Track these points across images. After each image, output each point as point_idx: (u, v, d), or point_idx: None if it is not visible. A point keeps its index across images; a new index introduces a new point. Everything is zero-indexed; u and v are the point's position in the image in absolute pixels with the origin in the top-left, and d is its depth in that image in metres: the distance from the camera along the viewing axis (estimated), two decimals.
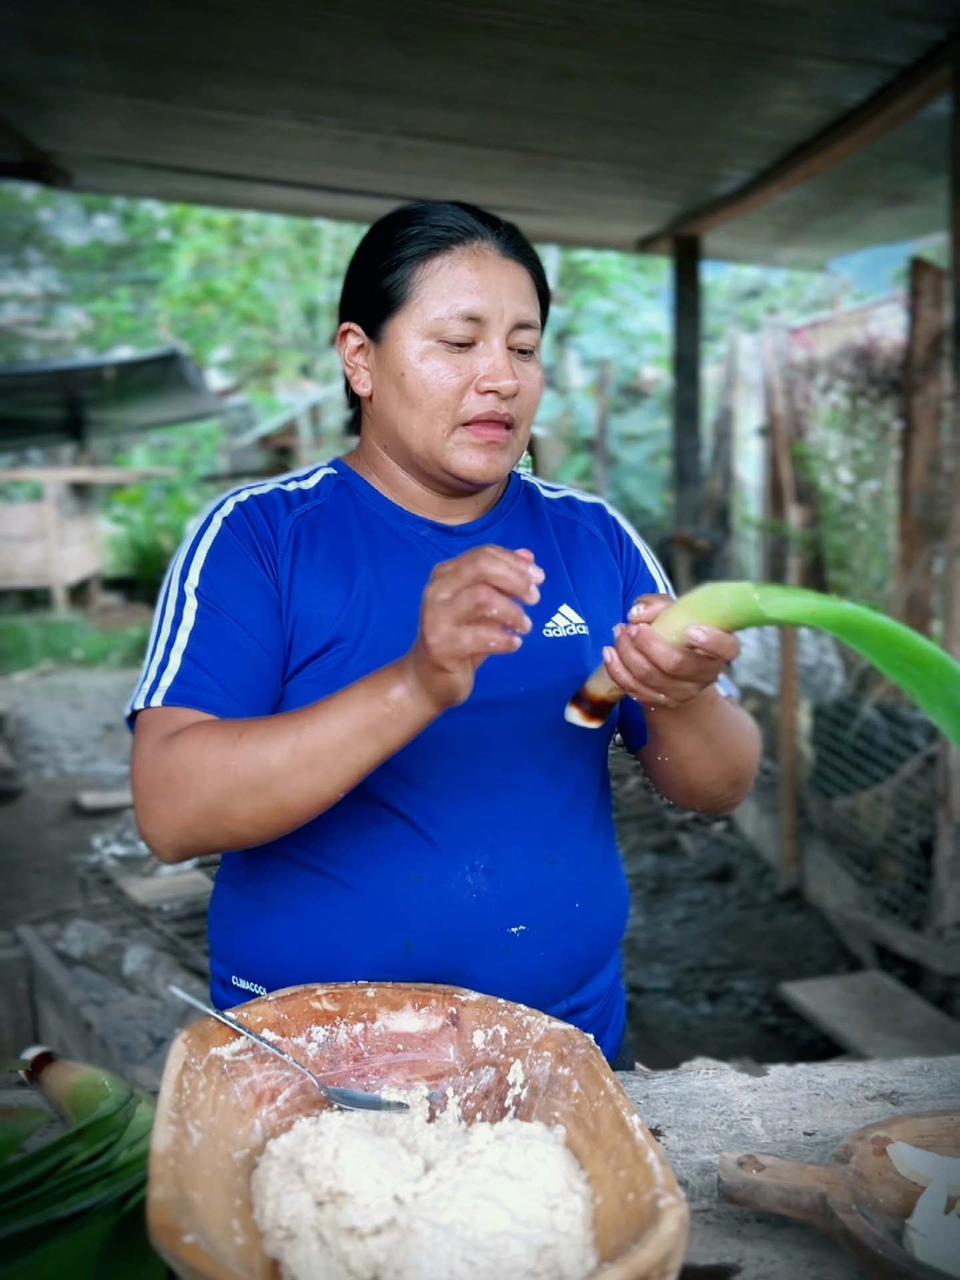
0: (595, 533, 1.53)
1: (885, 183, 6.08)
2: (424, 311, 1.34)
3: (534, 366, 1.39)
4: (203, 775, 1.21)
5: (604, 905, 1.48)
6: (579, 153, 5.70)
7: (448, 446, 1.36)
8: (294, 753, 1.18)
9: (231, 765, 1.20)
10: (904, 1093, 1.34)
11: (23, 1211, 0.96)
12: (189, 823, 1.23)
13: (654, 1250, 0.85)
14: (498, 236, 1.37)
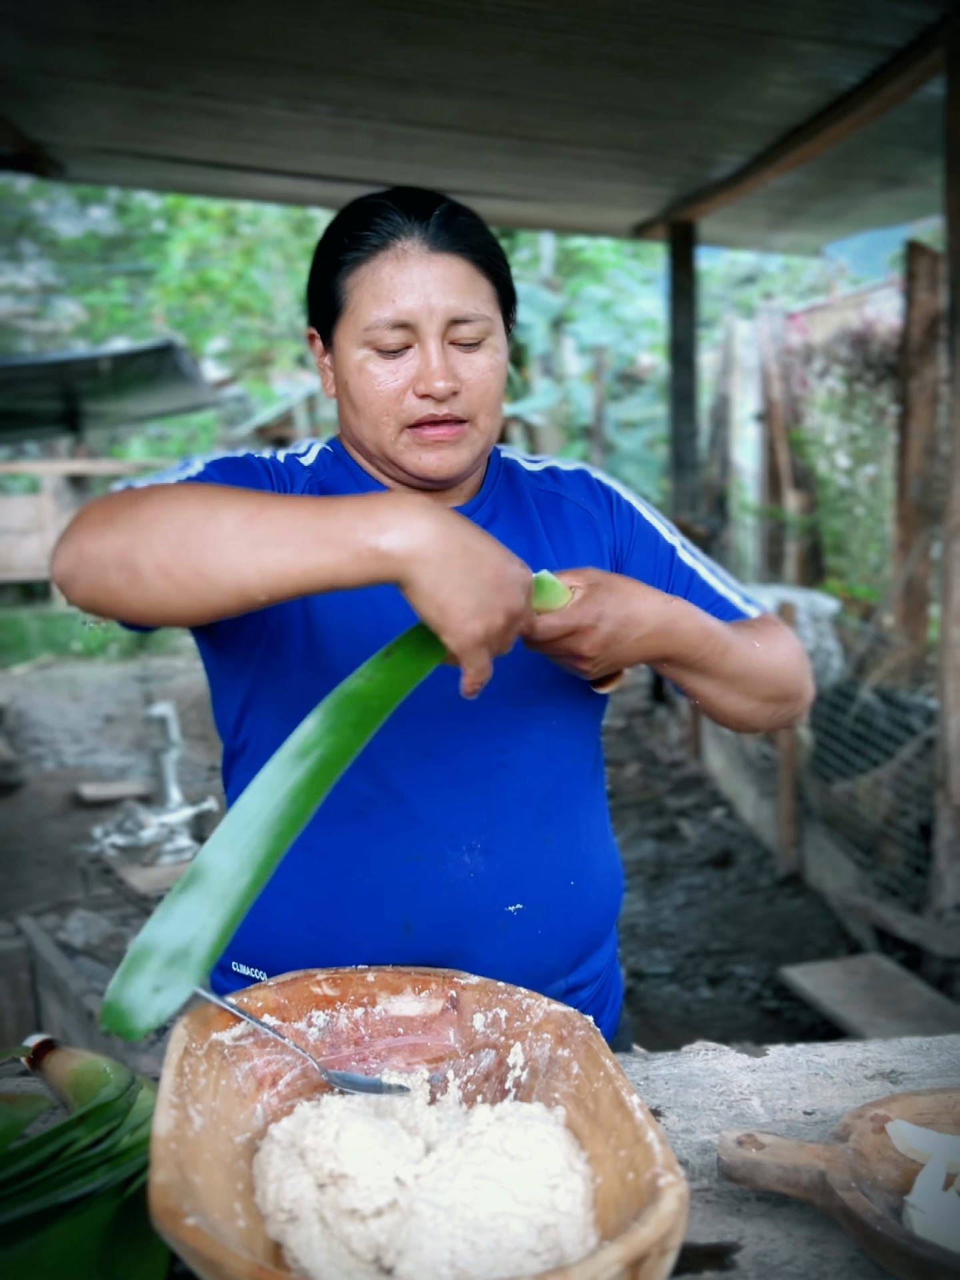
0: (581, 503, 1.51)
1: (880, 166, 6.06)
2: (356, 321, 1.33)
3: (484, 356, 1.35)
4: (151, 497, 1.10)
5: (599, 883, 1.49)
6: (573, 139, 5.68)
7: (399, 449, 1.36)
8: (247, 520, 1.06)
9: (185, 499, 1.09)
10: (903, 1071, 1.34)
11: (25, 1197, 0.96)
12: (107, 533, 1.10)
13: (654, 1228, 0.86)
14: (425, 230, 1.31)
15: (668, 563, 1.51)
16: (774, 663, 1.41)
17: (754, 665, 1.38)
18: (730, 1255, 1.03)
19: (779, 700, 1.43)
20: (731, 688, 1.37)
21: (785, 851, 5.60)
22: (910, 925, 4.29)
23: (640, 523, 1.53)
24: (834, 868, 5.16)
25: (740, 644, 1.36)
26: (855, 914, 4.70)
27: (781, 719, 1.46)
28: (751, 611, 1.50)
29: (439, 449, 1.34)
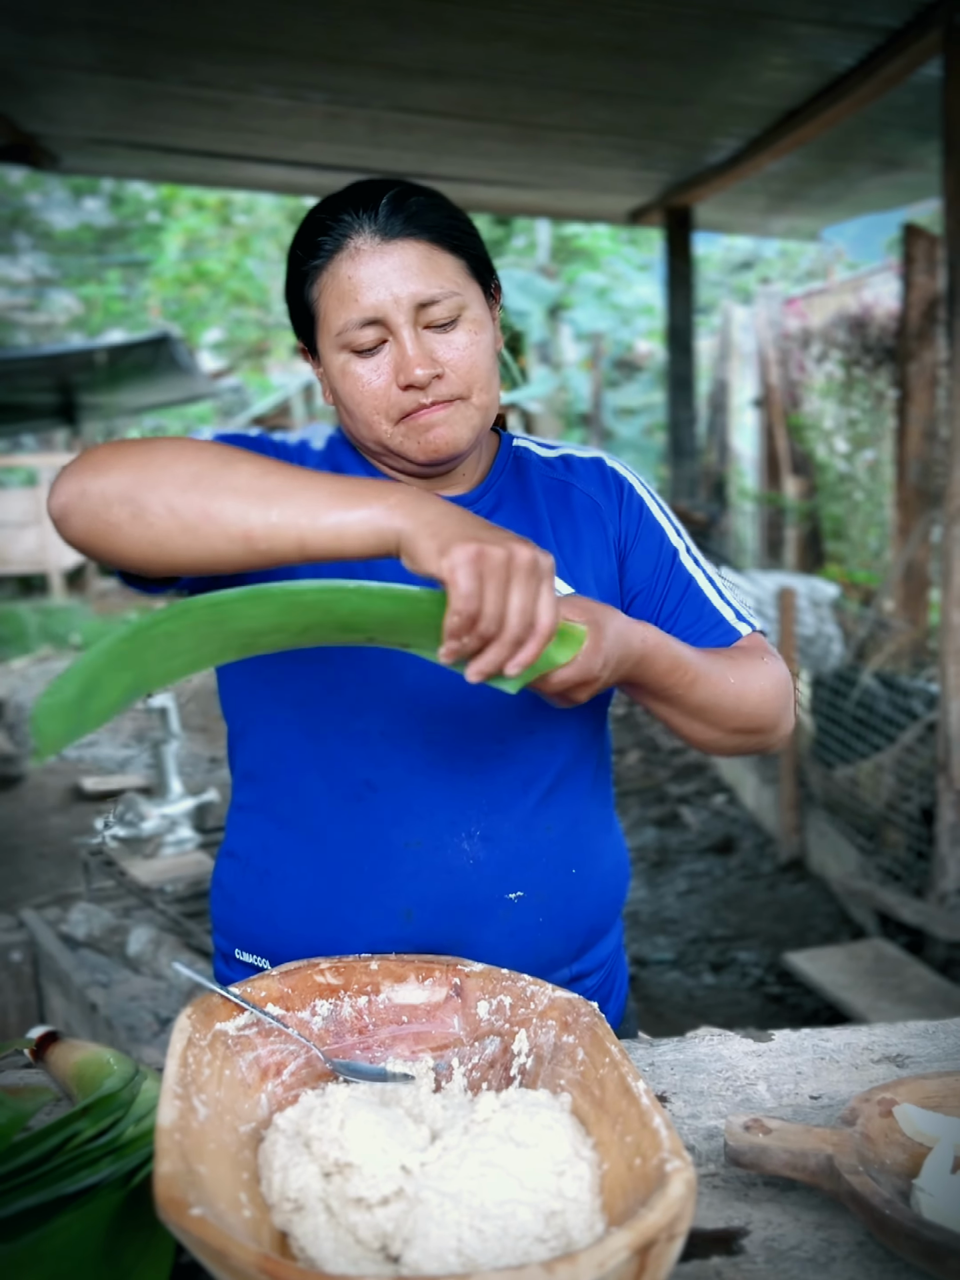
0: (591, 493, 1.49)
1: (876, 149, 6.04)
2: (329, 328, 1.33)
3: (462, 334, 1.32)
4: (156, 448, 1.12)
5: (602, 872, 1.48)
6: (569, 124, 5.66)
7: (398, 441, 1.35)
8: (257, 477, 1.09)
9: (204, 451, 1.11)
10: (909, 1055, 1.34)
11: (30, 1189, 0.96)
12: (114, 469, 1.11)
13: (661, 1213, 0.85)
14: (374, 221, 1.29)
15: (668, 565, 1.49)
16: (747, 696, 1.36)
17: (723, 698, 1.33)
18: (738, 1240, 1.03)
19: (747, 732, 1.39)
20: (695, 717, 1.34)
21: (787, 837, 5.60)
22: (913, 910, 4.29)
23: (648, 519, 1.51)
24: (836, 853, 5.16)
25: (712, 675, 1.32)
26: (858, 899, 4.70)
27: (750, 748, 1.43)
28: (743, 629, 1.46)
29: (434, 429, 1.33)
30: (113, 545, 1.13)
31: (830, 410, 7.73)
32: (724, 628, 1.46)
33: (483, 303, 1.37)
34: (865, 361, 7.12)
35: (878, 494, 7.27)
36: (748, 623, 1.47)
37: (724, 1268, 1.00)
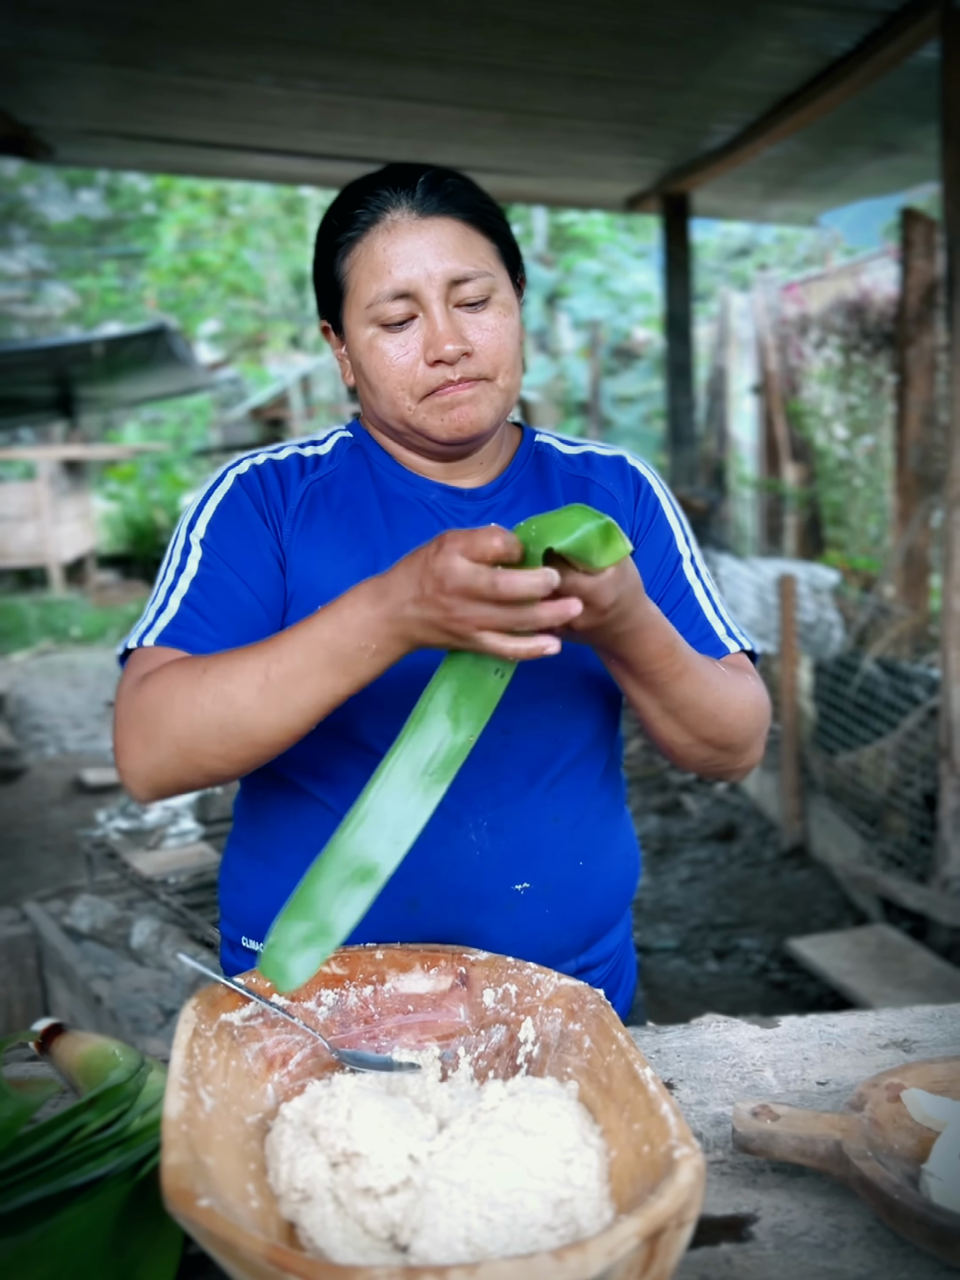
0: (611, 490, 1.48)
1: (874, 133, 6.02)
2: (359, 300, 1.33)
3: (492, 315, 1.33)
4: (171, 713, 1.20)
5: (611, 864, 1.48)
6: (565, 111, 5.64)
7: (420, 418, 1.35)
8: (262, 691, 1.16)
9: (199, 702, 1.19)
10: (916, 1040, 1.34)
11: (37, 1181, 0.96)
12: (160, 761, 1.23)
13: (671, 1200, 0.85)
14: (411, 197, 1.31)
15: (670, 569, 1.48)
16: (727, 706, 1.33)
17: (704, 700, 1.30)
18: (747, 1227, 1.03)
19: (719, 747, 1.35)
20: (674, 714, 1.30)
21: (789, 824, 5.60)
22: (916, 895, 4.30)
23: (660, 520, 1.50)
24: (838, 839, 5.16)
25: (701, 673, 1.29)
26: (861, 885, 4.70)
27: (716, 767, 1.39)
28: (732, 646, 1.45)
29: (458, 406, 1.33)
30: (212, 785, 1.29)
31: (829, 396, 7.71)
32: (713, 641, 1.45)
33: (511, 288, 1.38)
34: (864, 347, 7.10)
35: (877, 480, 7.26)
36: (737, 640, 1.46)
37: (733, 1254, 0.99)
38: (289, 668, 1.15)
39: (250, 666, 1.17)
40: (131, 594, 14.60)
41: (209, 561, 1.34)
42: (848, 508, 7.61)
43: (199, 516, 1.37)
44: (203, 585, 1.33)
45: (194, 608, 1.31)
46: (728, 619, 1.48)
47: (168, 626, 1.30)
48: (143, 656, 1.30)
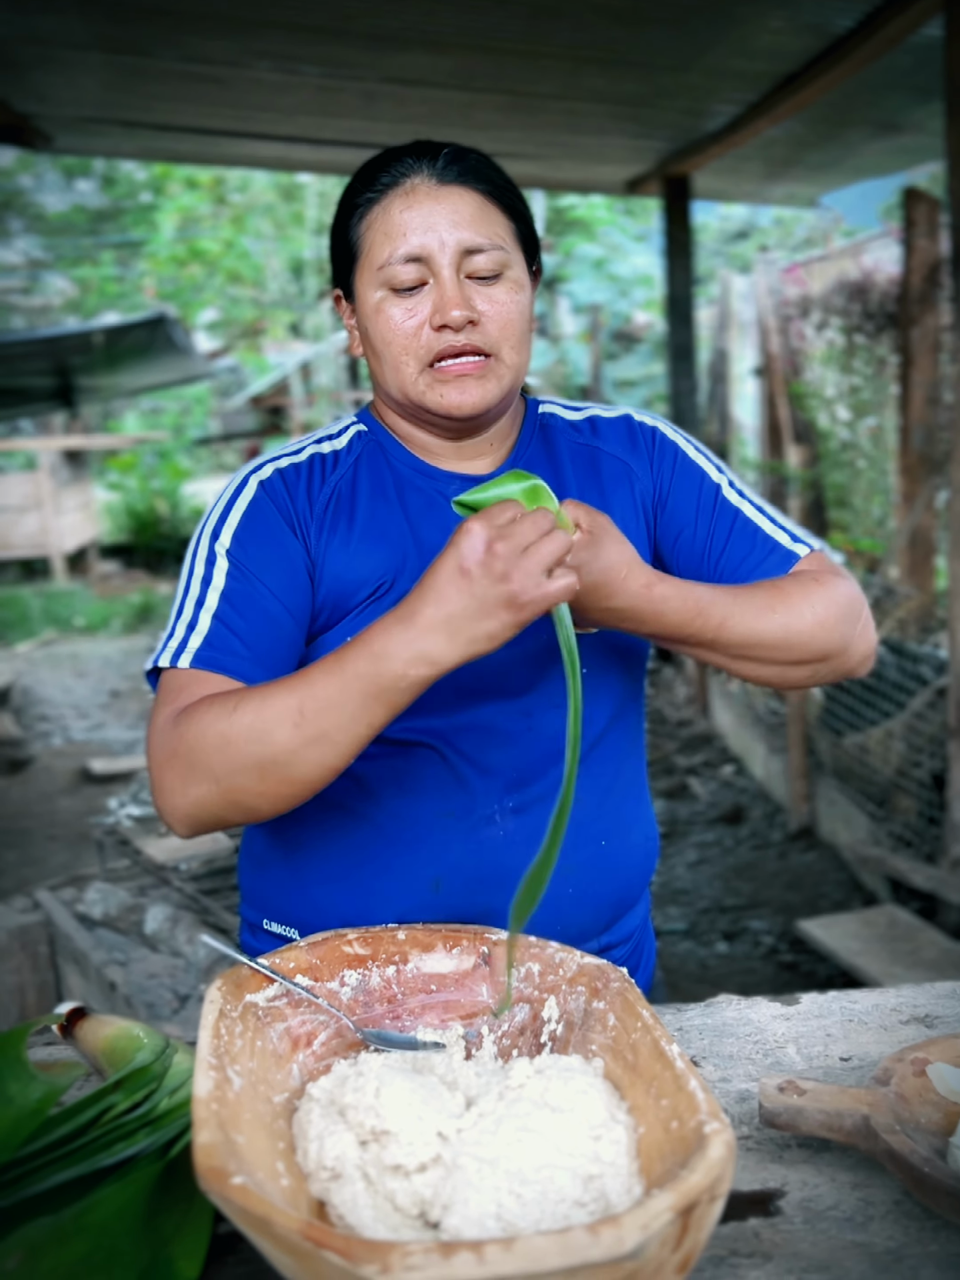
0: (619, 455, 1.48)
1: (876, 112, 5.99)
2: (371, 263, 1.33)
3: (502, 289, 1.33)
4: (206, 754, 1.18)
5: (631, 844, 1.48)
6: (564, 93, 5.61)
7: (420, 389, 1.34)
8: (298, 729, 1.14)
9: (232, 742, 1.16)
10: (938, 1015, 1.34)
11: (67, 1162, 0.96)
12: (199, 799, 1.21)
13: (703, 1175, 0.85)
14: (433, 166, 1.32)
15: (711, 502, 1.46)
16: (798, 626, 1.30)
17: (766, 633, 1.29)
18: (775, 1201, 1.03)
19: (813, 661, 1.34)
20: (740, 656, 1.30)
21: (797, 806, 5.61)
22: (925, 875, 4.30)
23: (683, 461, 1.49)
24: (846, 821, 5.17)
25: (746, 613, 1.28)
26: (869, 866, 4.71)
27: (827, 677, 1.38)
28: (800, 550, 1.42)
29: (461, 383, 1.33)
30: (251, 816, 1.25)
31: (831, 378, 7.69)
32: (780, 553, 1.42)
33: (525, 269, 1.38)
34: (866, 328, 7.08)
35: (880, 461, 7.24)
36: (805, 543, 1.43)
37: (762, 1229, 1.00)
38: (323, 702, 1.13)
39: (285, 703, 1.15)
40: (134, 584, 14.60)
41: (236, 574, 1.31)
42: (851, 489, 7.60)
43: (223, 526, 1.35)
44: (232, 600, 1.30)
45: (225, 624, 1.29)
46: (788, 525, 1.46)
47: (201, 646, 1.28)
48: (178, 682, 1.27)
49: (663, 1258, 0.84)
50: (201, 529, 1.37)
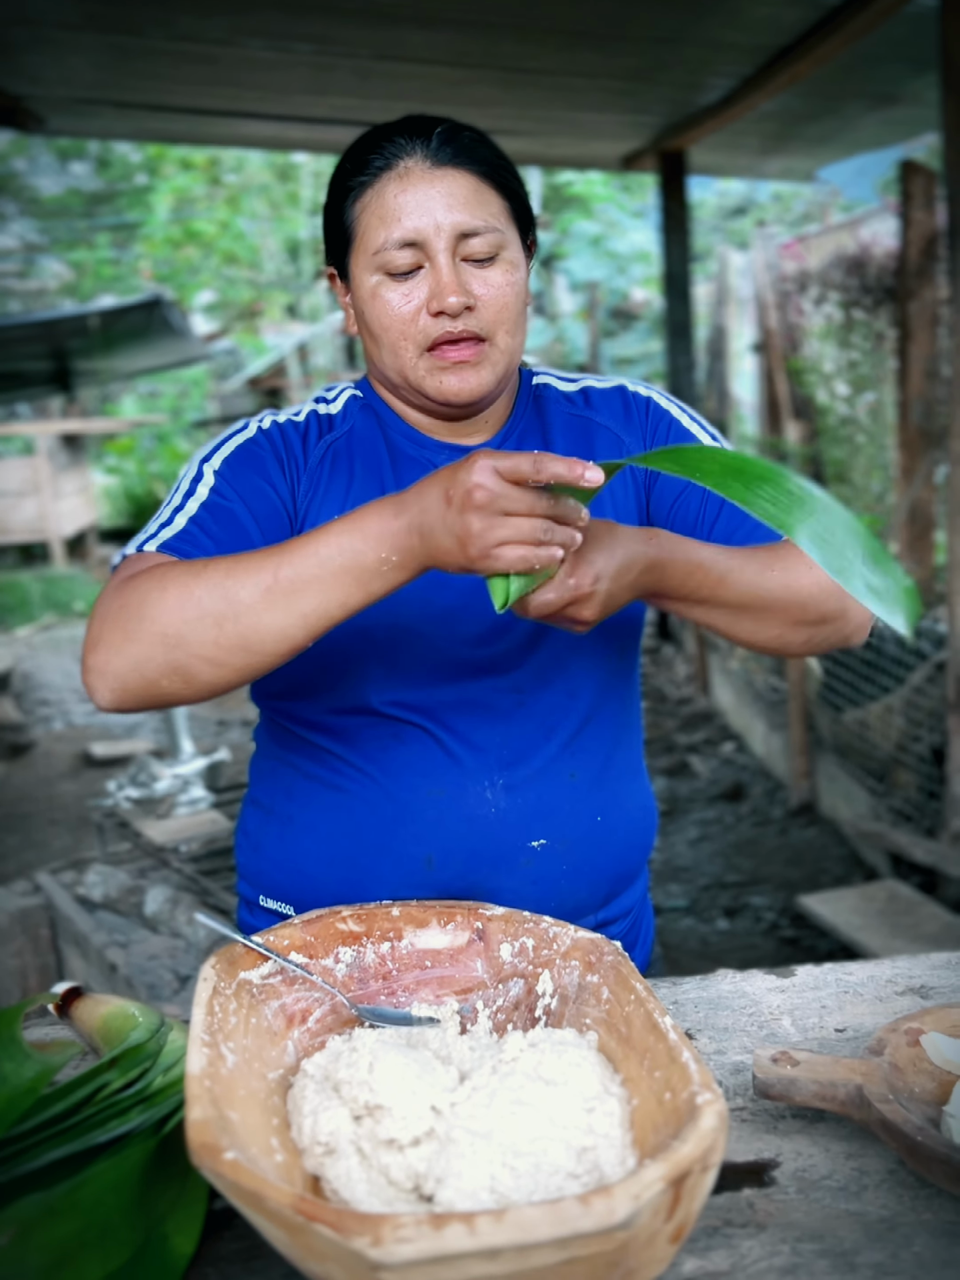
0: (612, 427, 1.47)
1: (872, 84, 5.96)
2: (366, 247, 1.32)
3: (498, 271, 1.32)
4: (162, 604, 1.13)
5: (628, 819, 1.48)
6: (559, 68, 5.58)
7: (420, 374, 1.34)
8: (269, 591, 1.11)
9: (195, 593, 1.12)
10: (932, 986, 1.34)
11: (61, 1140, 0.96)
12: (140, 657, 1.14)
13: (695, 1145, 0.85)
14: (427, 147, 1.30)
15: None
16: (797, 585, 1.28)
17: (765, 590, 1.26)
18: (769, 1172, 1.03)
19: (811, 624, 1.31)
20: (741, 615, 1.27)
21: (797, 782, 5.61)
22: (926, 849, 4.30)
23: (677, 430, 1.48)
24: (847, 796, 5.17)
25: (745, 570, 1.26)
26: (870, 841, 4.71)
27: (824, 642, 1.35)
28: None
29: (460, 370, 1.32)
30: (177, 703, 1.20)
31: (830, 353, 7.67)
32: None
33: (520, 249, 1.37)
34: (864, 302, 7.05)
35: (879, 436, 7.22)
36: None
37: (756, 1199, 1.00)
38: (300, 571, 1.10)
39: (258, 566, 1.12)
40: None
41: (221, 491, 1.32)
42: (850, 465, 7.58)
43: (217, 451, 1.36)
44: (212, 510, 1.30)
45: (200, 527, 1.28)
46: None
47: (171, 538, 1.26)
48: (138, 559, 1.24)
49: (655, 1228, 0.84)
50: (196, 453, 1.39)
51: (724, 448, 1.13)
